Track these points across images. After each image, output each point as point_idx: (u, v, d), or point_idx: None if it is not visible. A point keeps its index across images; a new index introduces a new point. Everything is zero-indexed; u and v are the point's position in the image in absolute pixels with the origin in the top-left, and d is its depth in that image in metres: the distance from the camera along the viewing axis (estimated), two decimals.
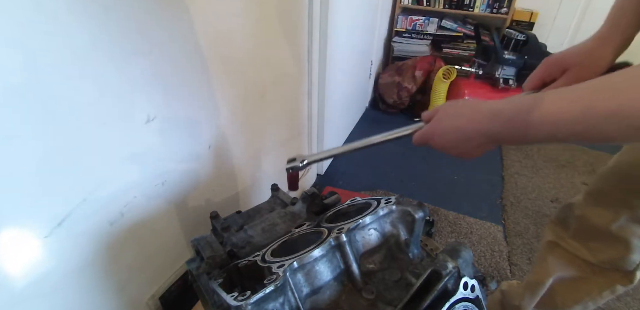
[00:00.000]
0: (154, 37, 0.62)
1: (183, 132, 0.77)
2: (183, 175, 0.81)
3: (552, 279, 0.84)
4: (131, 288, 0.77)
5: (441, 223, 1.57)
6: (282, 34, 1.07)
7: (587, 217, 0.75)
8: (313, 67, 1.33)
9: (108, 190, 0.62)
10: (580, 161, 2.04)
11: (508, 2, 2.29)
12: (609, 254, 0.73)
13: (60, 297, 0.61)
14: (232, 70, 0.88)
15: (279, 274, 0.41)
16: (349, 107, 2.08)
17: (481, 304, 0.43)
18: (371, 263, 0.50)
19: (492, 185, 1.85)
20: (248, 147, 1.07)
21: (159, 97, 0.67)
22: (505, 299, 1.02)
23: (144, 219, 0.73)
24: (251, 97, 1.00)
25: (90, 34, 0.51)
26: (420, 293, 0.41)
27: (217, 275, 0.50)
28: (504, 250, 1.45)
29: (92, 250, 0.64)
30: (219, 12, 0.77)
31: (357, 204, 0.60)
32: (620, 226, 0.69)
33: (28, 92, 0.46)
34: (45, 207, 0.53)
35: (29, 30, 0.44)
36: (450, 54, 2.55)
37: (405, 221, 0.52)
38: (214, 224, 0.66)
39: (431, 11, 2.50)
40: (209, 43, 0.76)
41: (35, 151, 0.49)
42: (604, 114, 0.32)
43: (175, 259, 0.89)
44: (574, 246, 0.79)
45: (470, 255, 0.45)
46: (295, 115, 1.37)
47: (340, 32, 1.47)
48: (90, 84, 0.54)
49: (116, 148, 0.62)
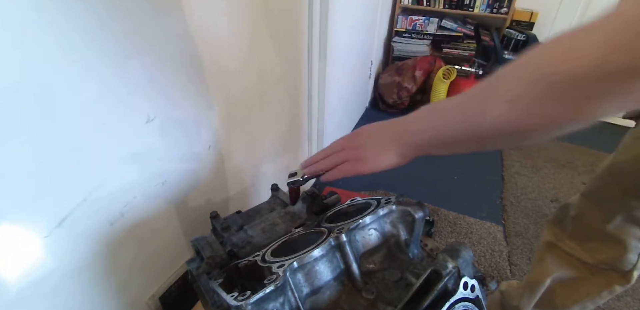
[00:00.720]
0: (153, 38, 0.62)
1: (183, 132, 0.77)
2: (183, 175, 0.81)
3: (551, 279, 0.84)
4: (131, 288, 0.77)
5: (441, 223, 1.57)
6: (282, 34, 1.07)
7: (583, 217, 0.76)
8: (313, 67, 1.33)
9: (108, 190, 0.62)
10: (580, 161, 2.04)
11: (508, 2, 2.29)
12: (605, 254, 0.74)
13: (60, 297, 0.61)
14: (232, 70, 0.88)
15: (279, 274, 0.41)
16: (349, 107, 2.08)
17: (481, 304, 0.43)
18: (371, 263, 0.50)
19: (492, 185, 1.85)
20: (248, 147, 1.06)
21: (159, 97, 0.67)
22: (505, 300, 1.02)
23: (144, 219, 0.73)
24: (251, 97, 1.00)
25: (90, 34, 0.51)
26: (420, 293, 0.41)
27: (217, 275, 0.50)
28: (504, 250, 1.45)
29: (92, 250, 0.64)
30: (218, 12, 0.77)
31: (357, 204, 0.60)
32: (616, 226, 0.69)
33: (28, 92, 0.46)
34: (45, 207, 0.53)
35: (29, 31, 0.44)
36: (450, 54, 2.55)
37: (405, 221, 0.52)
38: (214, 224, 0.66)
39: (431, 11, 2.50)
40: (209, 43, 0.76)
41: (35, 151, 0.49)
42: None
43: (175, 259, 0.89)
44: (571, 247, 0.79)
45: (470, 255, 0.45)
46: (295, 115, 1.37)
47: (340, 32, 1.47)
48: (90, 84, 0.54)
49: (116, 148, 0.62)
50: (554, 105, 0.29)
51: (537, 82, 0.29)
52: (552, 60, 0.29)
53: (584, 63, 0.26)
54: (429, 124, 0.43)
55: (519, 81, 0.31)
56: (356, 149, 0.51)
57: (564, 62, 0.27)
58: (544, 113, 0.30)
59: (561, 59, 0.28)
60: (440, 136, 0.42)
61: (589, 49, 0.26)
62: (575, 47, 0.27)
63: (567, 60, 0.27)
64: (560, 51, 0.28)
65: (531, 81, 0.30)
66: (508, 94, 0.32)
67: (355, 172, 0.51)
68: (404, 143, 0.46)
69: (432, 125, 0.43)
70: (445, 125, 0.41)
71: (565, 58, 0.27)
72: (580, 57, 0.26)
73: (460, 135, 0.39)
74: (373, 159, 0.49)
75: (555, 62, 0.28)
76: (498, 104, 0.33)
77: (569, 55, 0.27)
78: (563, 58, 0.28)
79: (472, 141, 0.39)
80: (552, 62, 0.28)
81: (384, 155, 0.48)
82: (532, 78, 0.30)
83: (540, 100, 0.30)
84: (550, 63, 0.29)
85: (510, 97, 0.32)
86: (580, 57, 0.26)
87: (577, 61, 0.26)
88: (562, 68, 0.27)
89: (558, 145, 2.19)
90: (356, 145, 0.51)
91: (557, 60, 0.28)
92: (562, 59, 0.28)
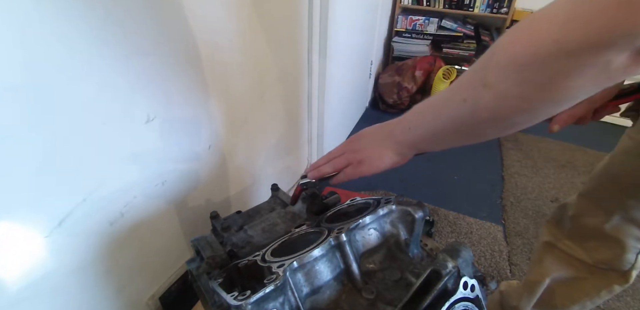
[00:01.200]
0: (153, 38, 0.62)
1: (183, 132, 0.77)
2: (183, 175, 0.81)
3: (550, 279, 0.84)
4: (131, 288, 0.77)
5: (441, 223, 1.57)
6: (282, 33, 1.07)
7: (580, 217, 0.76)
8: (313, 67, 1.33)
9: (108, 190, 0.62)
10: (580, 161, 2.04)
11: (508, 2, 2.29)
12: (604, 254, 0.73)
13: (60, 297, 0.61)
14: (232, 70, 0.88)
15: (279, 274, 0.41)
16: (349, 107, 2.08)
17: (481, 304, 0.43)
18: (371, 263, 0.50)
19: (492, 185, 1.85)
20: (248, 147, 1.07)
21: (159, 98, 0.67)
22: (504, 300, 1.02)
23: (144, 219, 0.73)
24: (251, 97, 1.00)
25: (90, 35, 0.51)
26: (420, 293, 0.41)
27: (217, 275, 0.50)
28: (504, 250, 1.45)
29: (92, 250, 0.64)
30: (218, 12, 0.77)
31: (357, 203, 0.60)
32: (614, 226, 0.69)
33: (28, 92, 0.46)
34: (45, 207, 0.53)
35: (30, 31, 0.44)
36: (450, 54, 2.55)
37: (405, 221, 0.52)
38: (214, 224, 0.66)
39: (431, 11, 2.50)
40: (209, 43, 0.76)
41: (36, 151, 0.49)
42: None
43: (175, 259, 0.89)
44: (570, 246, 0.79)
45: (470, 255, 0.45)
46: (295, 115, 1.37)
47: (340, 32, 1.47)
48: (90, 84, 0.54)
49: (116, 148, 0.62)
50: (527, 86, 0.30)
51: (508, 65, 0.30)
52: (518, 41, 0.29)
53: (545, 41, 0.27)
54: (421, 120, 0.44)
55: (494, 66, 0.32)
56: (355, 152, 0.52)
57: (528, 42, 0.28)
58: (520, 95, 0.31)
59: (526, 39, 0.29)
60: (432, 132, 0.43)
61: (547, 27, 0.27)
62: (536, 26, 0.28)
63: (530, 40, 0.28)
64: (525, 32, 0.29)
65: (503, 65, 0.31)
66: (485, 80, 0.33)
67: (358, 174, 0.52)
68: (400, 142, 0.47)
69: (423, 122, 0.43)
70: (435, 120, 0.41)
71: (529, 38, 0.28)
72: (541, 36, 0.27)
73: (450, 128, 0.40)
74: (373, 160, 0.50)
75: (521, 43, 0.29)
76: (478, 92, 0.34)
77: (532, 35, 0.28)
78: (527, 38, 0.28)
79: (463, 133, 0.40)
80: (518, 44, 0.29)
81: (383, 155, 0.49)
82: (504, 62, 0.31)
83: (514, 83, 0.30)
84: (516, 45, 0.29)
85: (487, 83, 0.32)
86: (542, 37, 0.27)
87: (538, 40, 0.27)
88: (527, 48, 0.28)
89: (558, 145, 2.19)
90: (355, 149, 0.52)
91: (523, 41, 0.29)
92: (526, 39, 0.28)
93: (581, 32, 0.24)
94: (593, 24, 0.23)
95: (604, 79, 0.27)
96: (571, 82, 0.28)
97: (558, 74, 0.27)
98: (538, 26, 0.28)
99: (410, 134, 0.45)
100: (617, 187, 0.68)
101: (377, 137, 0.50)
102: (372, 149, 0.50)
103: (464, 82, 0.37)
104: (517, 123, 0.35)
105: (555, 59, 0.27)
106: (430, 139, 0.44)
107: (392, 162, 0.49)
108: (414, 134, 0.45)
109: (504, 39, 0.31)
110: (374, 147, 0.50)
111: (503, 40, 0.31)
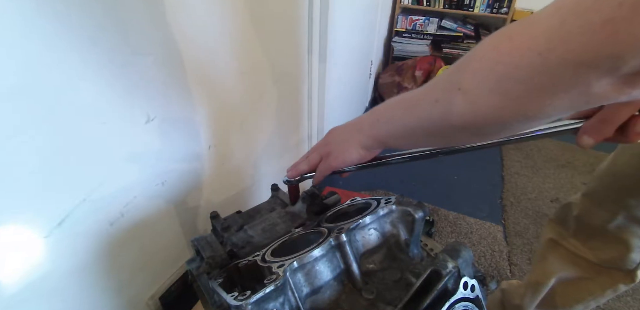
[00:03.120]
0: (153, 38, 0.62)
1: (183, 132, 0.77)
2: (183, 175, 0.81)
3: (555, 279, 0.84)
4: (131, 288, 0.77)
5: (441, 223, 1.57)
6: (282, 33, 1.07)
7: (585, 217, 0.76)
8: (313, 67, 1.33)
9: (108, 190, 0.62)
10: (580, 161, 2.04)
11: (508, 2, 2.29)
12: (609, 253, 0.74)
13: (60, 298, 0.61)
14: (232, 70, 0.88)
15: (279, 274, 0.41)
16: (348, 106, 2.08)
17: (481, 304, 0.43)
18: (371, 263, 0.50)
19: (492, 185, 1.85)
20: (248, 147, 1.07)
21: (158, 98, 0.67)
22: (506, 298, 1.02)
23: (144, 219, 0.73)
24: (251, 97, 1.00)
25: (90, 35, 0.51)
26: (420, 293, 0.41)
27: (217, 275, 0.50)
28: (504, 250, 1.45)
29: (92, 250, 0.64)
30: (218, 12, 0.77)
31: (357, 204, 0.60)
32: (618, 226, 0.69)
33: (28, 92, 0.46)
34: (44, 207, 0.53)
35: (29, 31, 0.44)
36: (450, 54, 2.55)
37: (405, 221, 0.52)
38: (214, 224, 0.66)
39: (431, 11, 2.50)
40: (208, 43, 0.76)
41: (35, 151, 0.49)
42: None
43: (175, 259, 0.89)
44: (575, 245, 0.79)
45: (470, 255, 0.45)
46: (295, 115, 1.37)
47: (340, 32, 1.47)
48: (90, 84, 0.54)
49: (116, 148, 0.62)
50: (502, 97, 0.28)
51: (486, 72, 0.29)
52: (500, 49, 0.28)
53: (529, 53, 0.25)
54: (391, 115, 0.43)
55: (471, 71, 0.30)
56: (326, 146, 0.53)
57: (511, 52, 0.27)
58: (493, 105, 0.29)
59: (509, 48, 0.27)
60: (400, 129, 0.41)
61: (533, 38, 0.25)
62: (521, 36, 0.26)
63: (513, 49, 0.27)
64: (508, 40, 0.27)
65: (480, 71, 0.29)
66: (460, 83, 0.31)
67: (328, 168, 0.52)
68: (367, 135, 0.46)
69: (393, 117, 0.42)
70: (404, 117, 0.40)
71: (511, 47, 0.27)
72: (524, 46, 0.25)
73: (418, 127, 0.38)
74: (340, 153, 0.50)
75: (503, 51, 0.27)
76: (452, 94, 0.32)
77: (515, 44, 0.26)
78: (510, 47, 0.27)
79: (431, 134, 0.38)
80: (500, 52, 0.28)
81: (350, 148, 0.49)
82: (482, 68, 0.29)
83: (489, 92, 0.29)
84: (498, 52, 0.28)
85: (462, 87, 0.31)
86: (525, 47, 0.25)
87: (521, 51, 0.26)
88: (508, 58, 0.27)
89: (558, 145, 2.19)
90: (326, 142, 0.53)
91: (506, 50, 0.27)
92: (509, 48, 0.27)
93: (566, 48, 0.23)
94: (577, 40, 0.22)
95: (581, 102, 0.26)
96: (548, 99, 0.26)
97: (536, 89, 0.26)
98: (522, 37, 0.26)
99: (378, 127, 0.44)
100: (620, 187, 0.68)
101: (347, 130, 0.50)
102: (339, 142, 0.50)
103: (439, 82, 0.35)
104: (487, 133, 0.33)
105: (537, 73, 0.25)
106: (398, 136, 0.43)
107: (357, 156, 0.48)
108: (382, 128, 0.44)
109: (486, 43, 0.29)
110: (342, 140, 0.50)
111: (485, 44, 0.30)
